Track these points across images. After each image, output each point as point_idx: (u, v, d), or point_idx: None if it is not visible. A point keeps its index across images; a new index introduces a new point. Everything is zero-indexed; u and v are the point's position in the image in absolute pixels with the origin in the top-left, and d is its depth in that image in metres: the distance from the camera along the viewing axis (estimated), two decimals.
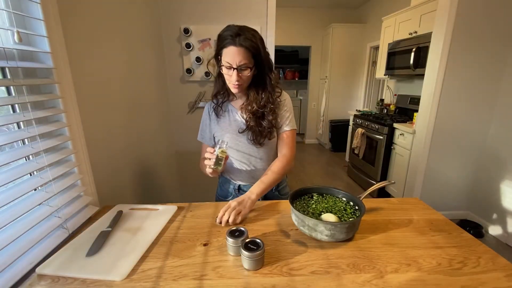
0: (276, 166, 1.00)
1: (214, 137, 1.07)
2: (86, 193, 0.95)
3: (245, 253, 0.64)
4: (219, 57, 0.92)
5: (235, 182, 1.11)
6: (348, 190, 0.91)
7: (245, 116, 1.00)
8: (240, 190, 1.11)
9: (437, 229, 0.83)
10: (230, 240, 0.69)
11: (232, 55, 0.85)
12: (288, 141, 1.03)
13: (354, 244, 0.75)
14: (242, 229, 0.73)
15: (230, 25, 0.89)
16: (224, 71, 0.91)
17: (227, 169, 1.10)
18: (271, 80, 0.97)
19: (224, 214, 0.84)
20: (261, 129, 0.98)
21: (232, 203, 0.86)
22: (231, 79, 0.90)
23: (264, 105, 0.96)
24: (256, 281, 0.62)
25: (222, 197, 1.16)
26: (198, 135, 1.12)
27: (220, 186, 1.18)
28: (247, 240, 0.68)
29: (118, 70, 1.28)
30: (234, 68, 0.87)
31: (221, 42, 0.87)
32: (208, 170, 0.93)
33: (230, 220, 0.83)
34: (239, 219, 0.84)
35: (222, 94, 1.02)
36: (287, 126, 1.03)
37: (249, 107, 0.97)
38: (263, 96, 0.96)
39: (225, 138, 1.01)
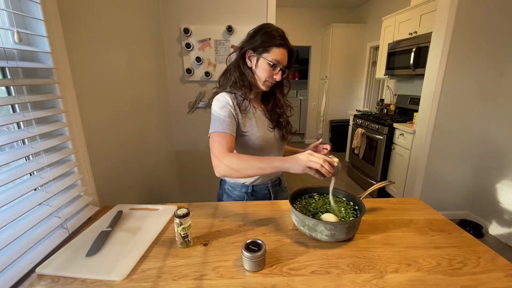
0: None
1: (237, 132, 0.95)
2: (86, 193, 0.95)
3: (246, 254, 0.63)
4: (258, 51, 0.90)
5: (248, 184, 1.04)
6: (348, 190, 0.91)
7: (269, 116, 1.02)
8: (253, 192, 1.05)
9: (437, 229, 0.83)
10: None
11: (283, 56, 0.91)
12: None
13: (354, 244, 0.75)
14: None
15: (274, 25, 0.94)
16: (266, 67, 0.91)
17: None
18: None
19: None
20: (287, 125, 1.04)
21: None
22: (274, 77, 0.93)
23: (282, 105, 1.03)
24: (256, 281, 0.62)
25: None
26: (219, 127, 0.87)
27: (228, 194, 1.07)
28: (248, 241, 0.67)
29: (118, 70, 1.27)
30: (280, 69, 0.92)
31: (271, 40, 0.89)
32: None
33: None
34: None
35: (247, 89, 0.95)
36: None
37: (275, 107, 1.02)
38: (283, 100, 1.04)
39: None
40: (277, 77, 0.93)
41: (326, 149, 0.96)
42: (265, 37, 0.89)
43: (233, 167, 0.82)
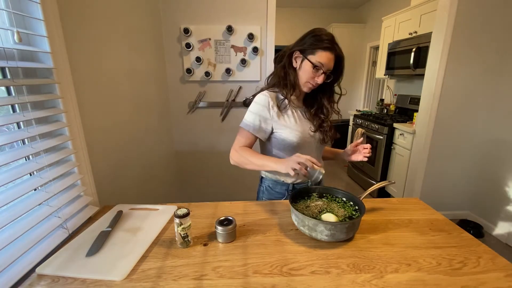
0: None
1: (272, 132, 0.98)
2: (86, 193, 0.95)
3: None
4: (305, 53, 0.93)
5: (288, 183, 1.06)
6: (348, 190, 0.91)
7: (311, 118, 1.03)
8: (294, 189, 1.06)
9: (437, 229, 0.83)
10: (219, 228, 0.75)
11: (329, 60, 0.91)
12: None
13: (354, 244, 0.75)
14: (230, 218, 0.79)
15: (325, 29, 0.94)
16: (308, 68, 0.92)
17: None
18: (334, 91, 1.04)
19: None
20: (331, 130, 1.04)
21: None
22: (316, 80, 0.93)
23: (328, 113, 1.03)
24: (256, 281, 0.62)
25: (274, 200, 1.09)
26: (245, 124, 0.97)
27: (269, 191, 1.09)
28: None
29: (118, 70, 1.27)
30: (323, 72, 0.92)
31: (319, 43, 0.90)
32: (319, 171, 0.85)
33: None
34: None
35: (289, 89, 0.97)
36: None
37: (319, 113, 1.03)
38: (329, 106, 1.03)
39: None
40: (319, 80, 0.93)
41: (366, 148, 1.01)
42: (313, 39, 0.91)
43: (236, 160, 0.97)
